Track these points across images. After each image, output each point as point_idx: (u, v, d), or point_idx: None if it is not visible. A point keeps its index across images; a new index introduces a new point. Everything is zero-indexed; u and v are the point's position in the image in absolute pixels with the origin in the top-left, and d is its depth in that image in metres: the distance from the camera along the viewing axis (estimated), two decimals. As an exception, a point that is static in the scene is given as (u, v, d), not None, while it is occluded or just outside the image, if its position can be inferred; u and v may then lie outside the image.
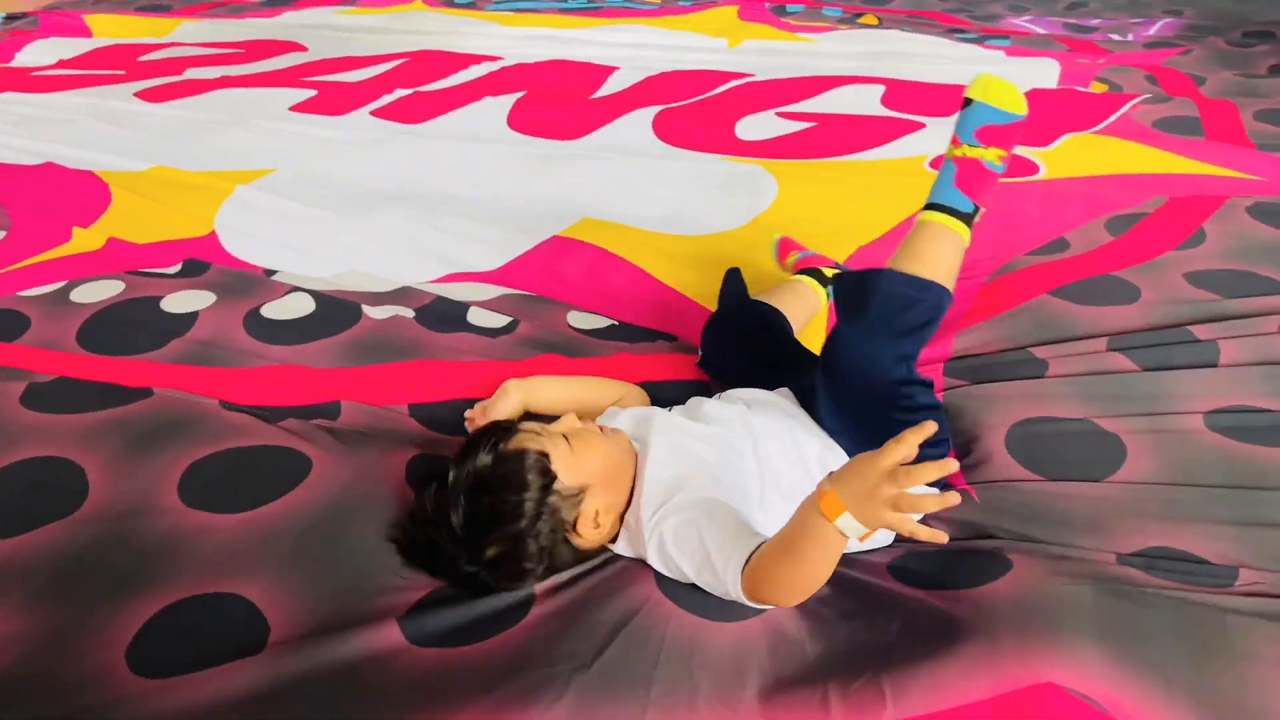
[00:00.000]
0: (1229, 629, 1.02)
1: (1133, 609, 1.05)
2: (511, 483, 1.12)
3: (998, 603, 1.07)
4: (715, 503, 1.12)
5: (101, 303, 1.76)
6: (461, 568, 1.12)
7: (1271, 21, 3.85)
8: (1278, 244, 1.90)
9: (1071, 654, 0.98)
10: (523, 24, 4.01)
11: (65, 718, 0.99)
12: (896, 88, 2.97)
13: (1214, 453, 1.35)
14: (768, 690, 1.00)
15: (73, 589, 1.13)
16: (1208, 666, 0.98)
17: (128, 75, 3.34)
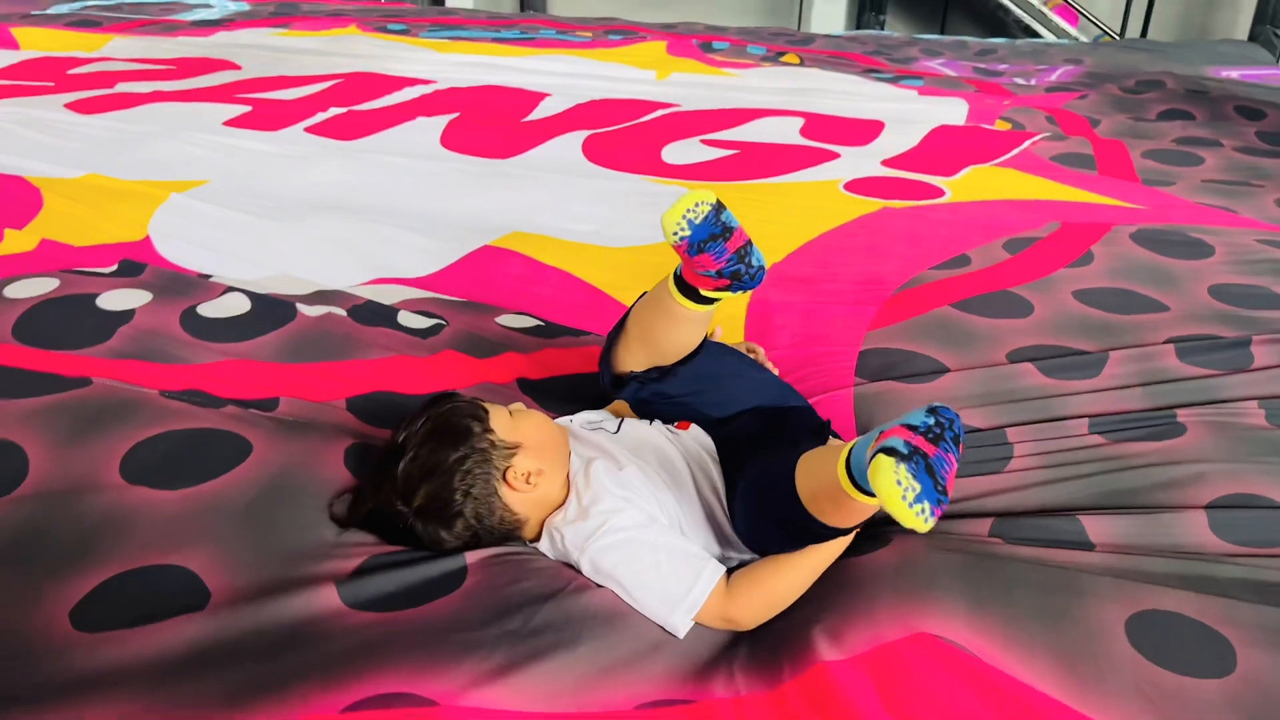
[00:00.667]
0: (1080, 584, 1.14)
1: (998, 570, 1.17)
2: (452, 427, 1.22)
3: (878, 568, 1.18)
4: (659, 529, 1.20)
5: (36, 298, 1.78)
6: (397, 511, 1.19)
7: (1161, 72, 4.14)
8: (1154, 266, 2.07)
9: (942, 608, 1.09)
10: (457, 50, 4.11)
11: (7, 672, 1.02)
12: (815, 120, 3.12)
13: (1093, 451, 1.48)
14: (681, 656, 1.08)
15: (15, 561, 1.16)
16: (1060, 616, 1.10)
17: (57, 87, 3.33)
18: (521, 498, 1.23)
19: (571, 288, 1.93)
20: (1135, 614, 1.12)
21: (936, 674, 1.03)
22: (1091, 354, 1.71)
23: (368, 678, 1.03)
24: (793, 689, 1.03)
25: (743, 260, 1.23)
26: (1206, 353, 1.71)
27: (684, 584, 1.13)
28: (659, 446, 1.32)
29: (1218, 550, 1.26)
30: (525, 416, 1.30)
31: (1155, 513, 1.32)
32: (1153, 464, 1.42)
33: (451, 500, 1.20)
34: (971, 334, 1.79)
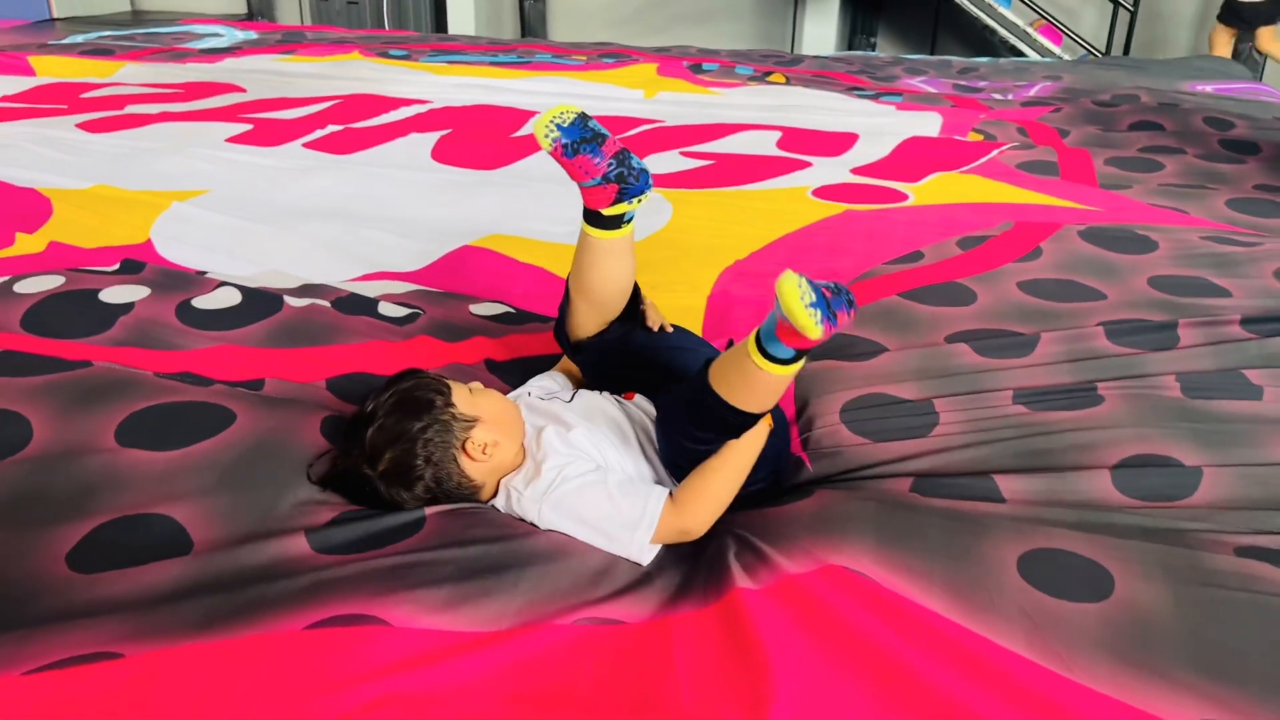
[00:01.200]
0: (981, 527, 1.25)
1: (907, 516, 1.29)
2: (416, 400, 1.34)
3: (797, 514, 1.29)
4: (604, 473, 1.33)
5: (43, 293, 1.91)
6: (364, 474, 1.31)
7: (1137, 87, 4.26)
8: (1098, 259, 2.18)
9: (853, 546, 1.21)
10: (454, 74, 4.27)
11: (11, 605, 1.14)
12: (792, 134, 3.26)
13: (1014, 419, 1.59)
14: (616, 584, 1.19)
15: (18, 512, 1.29)
16: (959, 553, 1.21)
17: (70, 109, 3.50)
18: (478, 466, 1.35)
19: (543, 280, 2.05)
20: (1028, 551, 1.23)
21: (843, 599, 1.14)
22: (1024, 335, 1.82)
23: (329, 603, 1.14)
24: (712, 613, 1.14)
25: (623, 164, 1.38)
26: (1134, 334, 1.82)
27: (637, 508, 1.25)
28: (608, 412, 1.44)
29: (1117, 503, 1.37)
30: (483, 394, 1.42)
31: (1064, 472, 1.43)
32: (1068, 429, 1.53)
33: (413, 465, 1.32)
34: (914, 320, 1.90)
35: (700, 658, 1.06)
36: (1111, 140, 3.31)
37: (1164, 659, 1.08)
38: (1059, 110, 3.76)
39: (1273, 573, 1.20)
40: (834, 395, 1.64)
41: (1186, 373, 1.68)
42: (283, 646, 1.09)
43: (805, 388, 1.67)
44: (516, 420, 1.42)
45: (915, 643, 1.09)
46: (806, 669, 1.04)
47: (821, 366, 1.72)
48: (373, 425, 1.34)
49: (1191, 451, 1.46)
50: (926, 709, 1.02)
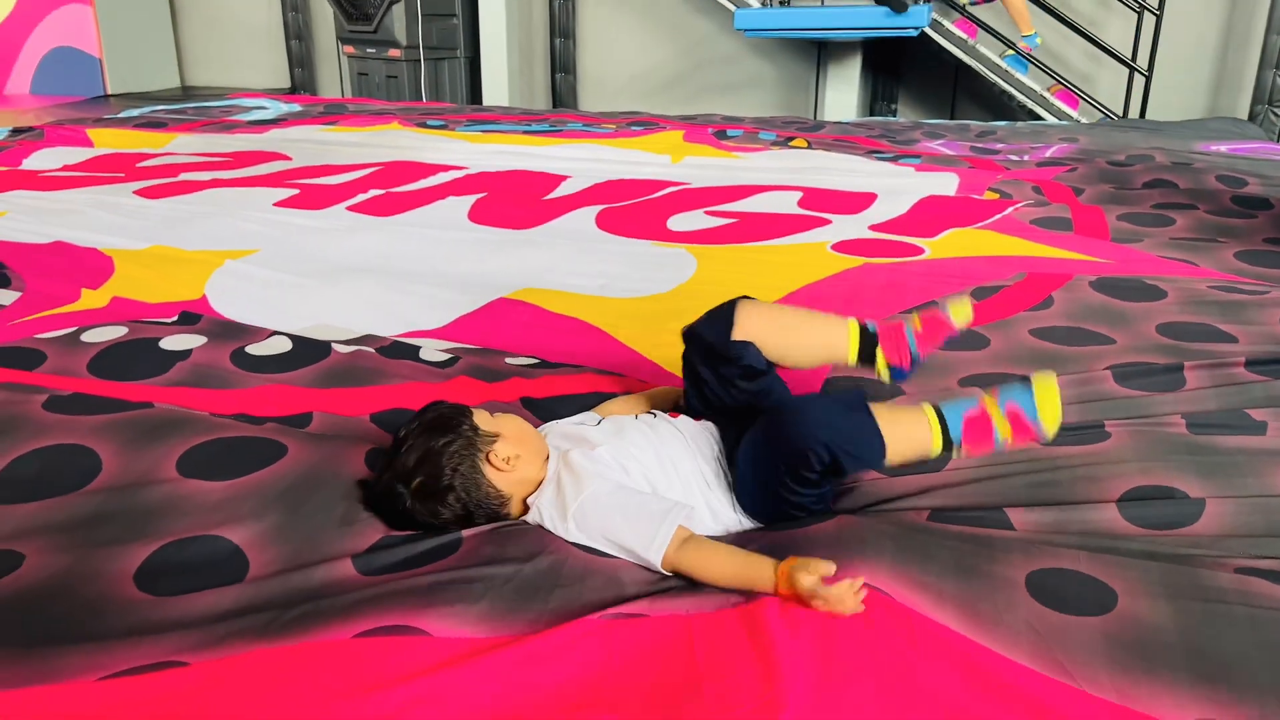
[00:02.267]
0: (992, 549, 1.32)
1: (923, 540, 1.35)
2: (441, 422, 1.46)
3: (818, 534, 1.37)
4: (627, 491, 1.42)
5: (108, 342, 2.05)
6: (399, 496, 1.41)
7: (1152, 148, 4.36)
8: (1109, 308, 2.27)
9: (869, 564, 1.28)
10: (489, 141, 4.46)
11: (85, 620, 1.24)
12: (812, 193, 3.38)
13: (1025, 455, 1.66)
14: (642, 586, 1.27)
15: (91, 534, 1.40)
16: (969, 571, 1.28)
17: (127, 177, 3.70)
18: (504, 477, 1.45)
19: (574, 328, 2.16)
20: (1036, 569, 1.30)
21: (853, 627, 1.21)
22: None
23: (373, 616, 1.23)
24: (732, 615, 1.22)
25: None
26: (1141, 376, 1.89)
27: (650, 530, 1.33)
28: (640, 428, 1.55)
29: (1124, 532, 1.43)
30: (504, 416, 1.53)
31: (1072, 505, 1.49)
32: (1076, 464, 1.60)
33: (441, 478, 1.42)
34: (928, 363, 1.98)
35: (718, 654, 1.13)
36: (1125, 197, 3.40)
37: (1164, 667, 1.14)
38: (1074, 170, 3.87)
39: (1271, 588, 1.26)
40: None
41: (1191, 411, 1.75)
42: (333, 652, 1.18)
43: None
44: (536, 438, 1.53)
45: (924, 652, 1.16)
46: (818, 673, 1.11)
47: (839, 405, 1.80)
48: (403, 449, 1.45)
49: (1195, 483, 1.52)
50: (933, 713, 1.09)
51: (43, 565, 1.33)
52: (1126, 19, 5.89)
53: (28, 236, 2.84)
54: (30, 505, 1.46)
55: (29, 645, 1.18)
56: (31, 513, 1.44)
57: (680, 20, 7.38)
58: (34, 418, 1.68)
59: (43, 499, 1.47)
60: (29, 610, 1.26)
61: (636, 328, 2.17)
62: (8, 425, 1.65)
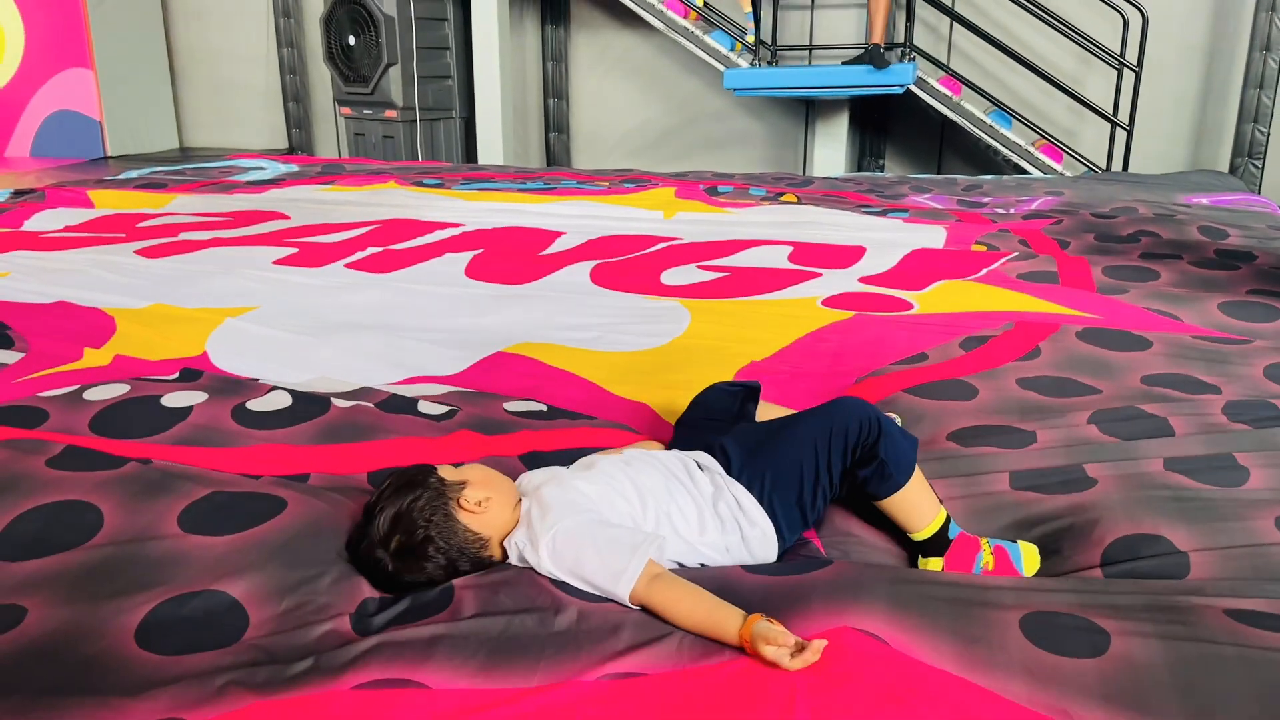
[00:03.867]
0: (985, 595, 1.35)
1: (917, 586, 1.38)
2: (407, 481, 1.51)
3: (814, 582, 1.39)
4: (599, 524, 1.44)
5: (110, 400, 2.08)
6: (380, 562, 1.45)
7: (1135, 200, 4.45)
8: (1094, 358, 2.31)
9: (864, 610, 1.30)
10: (485, 199, 4.53)
11: (87, 675, 1.26)
12: (802, 248, 3.44)
13: (1010, 502, 1.70)
14: (634, 637, 1.29)
15: (94, 589, 1.41)
16: (963, 615, 1.30)
17: (128, 237, 3.75)
18: (478, 519, 1.48)
19: (571, 383, 2.20)
20: (1029, 613, 1.32)
21: (852, 656, 1.23)
22: (1023, 430, 1.93)
23: (371, 669, 1.25)
24: (728, 666, 1.23)
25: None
26: (1126, 421, 1.93)
27: (620, 562, 1.36)
28: (612, 458, 1.61)
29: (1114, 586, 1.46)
30: (468, 466, 1.58)
31: (1060, 556, 1.53)
32: (1064, 513, 1.63)
33: (416, 530, 1.45)
34: (920, 414, 2.02)
35: (718, 709, 1.15)
36: (1110, 249, 3.46)
37: (1157, 705, 1.16)
38: (1059, 222, 3.94)
39: (1260, 631, 1.28)
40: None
41: (1176, 458, 1.78)
42: (334, 703, 1.20)
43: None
44: (503, 481, 1.57)
45: (923, 696, 1.18)
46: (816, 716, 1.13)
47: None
48: (377, 515, 1.48)
49: (1181, 531, 1.55)
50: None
51: (46, 619, 1.35)
52: (1107, 75, 6.03)
53: (30, 297, 2.87)
54: (33, 562, 1.48)
55: (34, 698, 1.20)
56: (35, 569, 1.46)
57: (670, 79, 7.53)
58: (37, 474, 1.70)
59: (46, 555, 1.49)
60: (33, 665, 1.28)
61: (633, 380, 2.21)
62: (11, 482, 1.67)
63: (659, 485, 1.55)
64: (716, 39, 6.65)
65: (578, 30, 7.75)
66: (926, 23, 6.57)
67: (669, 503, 1.54)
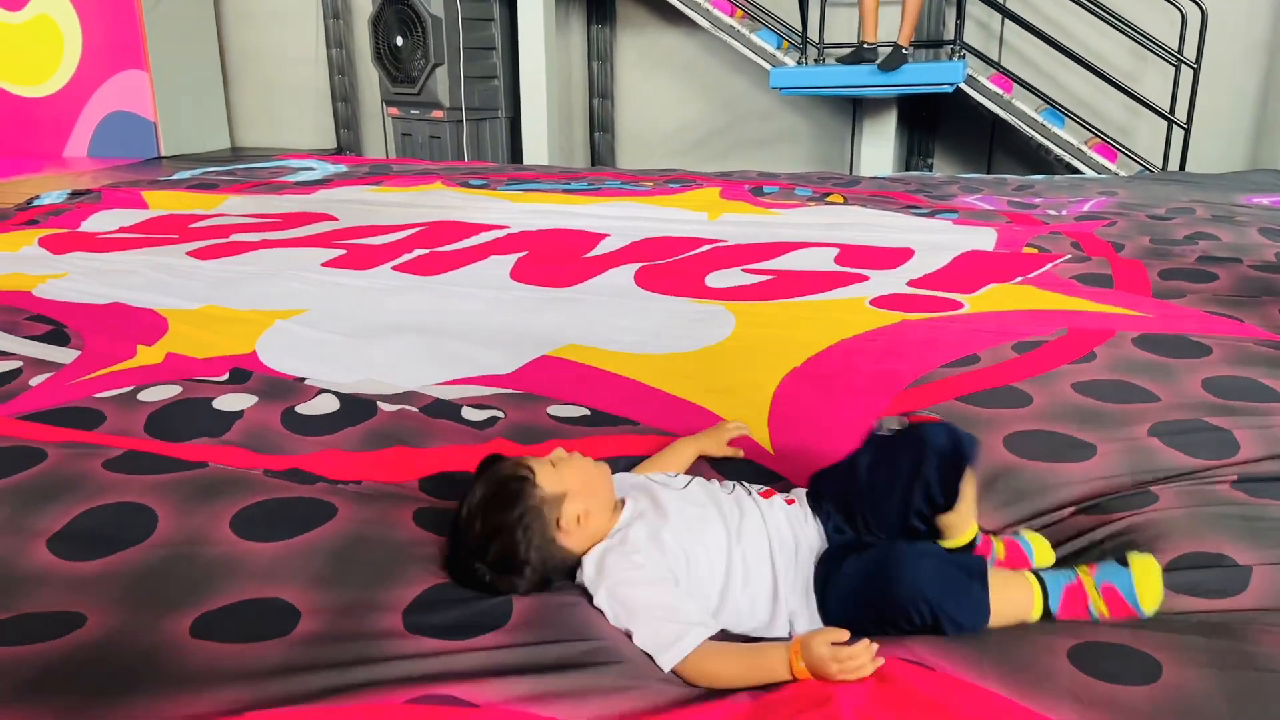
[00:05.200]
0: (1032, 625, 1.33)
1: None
2: (506, 491, 1.46)
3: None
4: (667, 588, 1.39)
5: (163, 400, 2.11)
6: (478, 572, 1.43)
7: (1192, 200, 4.35)
8: (1152, 364, 2.25)
9: (909, 640, 1.28)
10: (530, 200, 4.54)
11: (143, 673, 1.27)
12: (849, 250, 3.40)
13: (1073, 526, 1.66)
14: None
15: (148, 593, 1.43)
16: (1010, 645, 1.28)
17: (180, 239, 3.81)
18: (575, 537, 1.45)
19: (618, 385, 2.19)
20: (1078, 644, 1.28)
21: (899, 682, 1.21)
22: (1080, 439, 1.89)
23: (423, 685, 1.25)
24: (775, 699, 1.22)
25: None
26: (1189, 433, 1.88)
27: (673, 634, 1.31)
28: (723, 510, 1.50)
29: (1170, 600, 1.41)
30: (567, 463, 1.51)
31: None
32: (1124, 531, 1.59)
33: (517, 553, 1.43)
34: (973, 422, 1.98)
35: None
36: (1165, 252, 3.38)
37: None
38: (1113, 224, 3.86)
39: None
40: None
41: (1243, 472, 1.73)
42: (387, 716, 1.20)
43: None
44: (603, 482, 1.51)
45: (971, 711, 1.15)
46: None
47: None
48: (473, 525, 1.45)
49: (1244, 549, 1.50)
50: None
51: (103, 622, 1.37)
52: (1164, 72, 5.90)
53: (88, 297, 2.93)
54: (92, 563, 1.50)
55: (90, 696, 1.21)
56: (93, 570, 1.48)
57: (716, 78, 7.50)
58: (94, 476, 1.73)
59: (102, 556, 1.51)
60: (89, 663, 1.29)
61: (678, 383, 2.20)
62: (69, 483, 1.71)
63: (758, 554, 1.46)
64: (763, 37, 6.61)
65: (623, 29, 7.75)
66: (977, 19, 6.47)
67: (763, 575, 1.46)
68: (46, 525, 1.60)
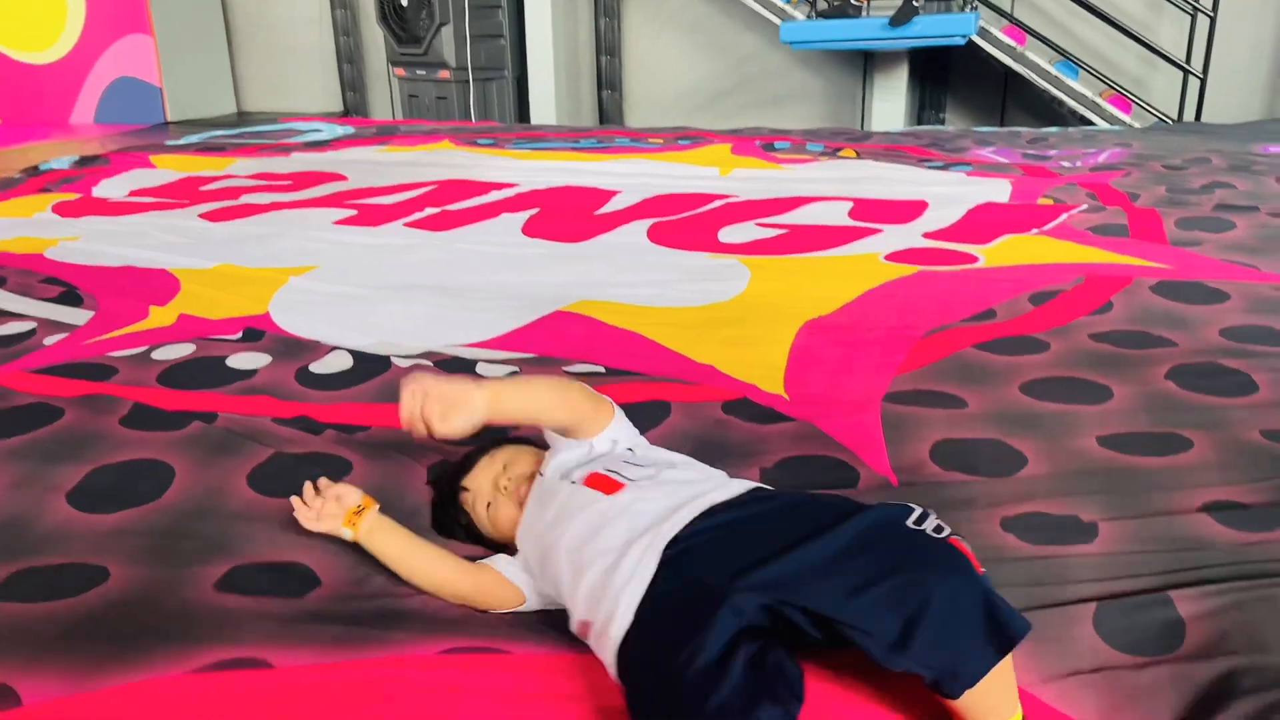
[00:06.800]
0: (1066, 575, 1.30)
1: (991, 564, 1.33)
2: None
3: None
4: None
5: (177, 359, 2.12)
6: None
7: (1208, 150, 4.29)
8: (1169, 312, 2.24)
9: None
10: (539, 159, 4.51)
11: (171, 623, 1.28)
12: (863, 204, 3.38)
13: (1100, 462, 1.64)
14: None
15: (171, 547, 1.44)
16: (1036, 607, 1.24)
17: (191, 201, 3.80)
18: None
19: (631, 341, 2.18)
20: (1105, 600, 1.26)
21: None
22: (1100, 383, 1.88)
23: (455, 637, 1.25)
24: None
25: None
26: (1209, 377, 1.87)
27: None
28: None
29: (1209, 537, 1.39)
30: (500, 457, 1.46)
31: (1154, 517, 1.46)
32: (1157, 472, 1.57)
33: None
34: (990, 371, 1.97)
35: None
36: (1182, 201, 3.35)
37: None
38: (1128, 175, 3.82)
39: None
40: (922, 437, 1.71)
41: (1266, 416, 1.72)
42: (418, 666, 1.21)
43: (891, 429, 1.74)
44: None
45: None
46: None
47: (907, 412, 1.79)
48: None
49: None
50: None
51: (127, 577, 1.37)
52: (1179, 21, 5.79)
53: (101, 260, 2.93)
54: (110, 516, 1.51)
55: (121, 646, 1.22)
56: (112, 524, 1.49)
57: (725, 35, 7.40)
58: (114, 432, 1.74)
59: (121, 510, 1.52)
60: (117, 616, 1.29)
61: (694, 337, 2.19)
62: (86, 438, 1.71)
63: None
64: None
65: (630, -14, 7.65)
66: (989, -30, 6.36)
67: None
68: (64, 480, 1.60)
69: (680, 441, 1.72)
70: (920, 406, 1.83)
